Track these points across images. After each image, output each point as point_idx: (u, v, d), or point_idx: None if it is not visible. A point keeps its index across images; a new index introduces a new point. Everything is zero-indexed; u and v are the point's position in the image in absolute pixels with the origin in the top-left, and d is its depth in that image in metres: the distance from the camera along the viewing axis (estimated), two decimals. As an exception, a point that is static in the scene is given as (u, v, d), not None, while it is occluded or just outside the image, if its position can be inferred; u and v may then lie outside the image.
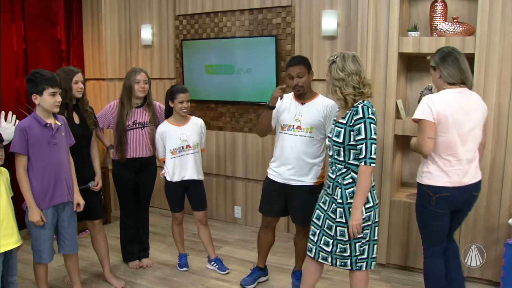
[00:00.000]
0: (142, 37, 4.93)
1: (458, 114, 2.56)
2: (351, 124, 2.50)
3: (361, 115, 2.47)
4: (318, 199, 2.76)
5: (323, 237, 2.64)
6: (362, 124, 2.46)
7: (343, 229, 2.55)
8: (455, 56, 2.60)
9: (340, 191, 2.56)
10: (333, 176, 2.61)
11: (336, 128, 2.58)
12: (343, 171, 2.57)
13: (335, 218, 2.57)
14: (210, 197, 4.51)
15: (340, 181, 2.56)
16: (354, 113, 2.49)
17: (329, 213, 2.61)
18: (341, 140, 2.53)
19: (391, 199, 3.51)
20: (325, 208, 2.66)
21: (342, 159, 2.57)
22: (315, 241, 2.68)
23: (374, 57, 3.42)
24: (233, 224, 4.69)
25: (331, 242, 2.60)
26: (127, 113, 3.42)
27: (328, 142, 2.67)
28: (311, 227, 2.75)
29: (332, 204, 2.60)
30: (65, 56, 4.69)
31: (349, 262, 2.60)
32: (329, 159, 2.68)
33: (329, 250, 2.62)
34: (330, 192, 2.64)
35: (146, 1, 4.91)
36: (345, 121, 2.53)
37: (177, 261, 3.72)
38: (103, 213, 3.61)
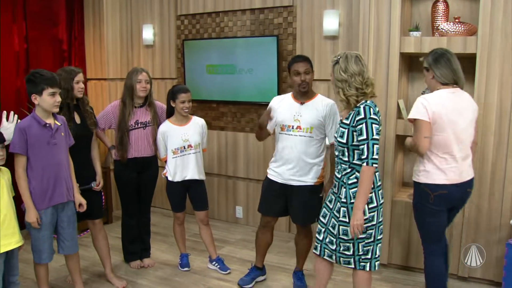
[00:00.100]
0: (143, 37, 4.94)
1: (452, 114, 2.62)
2: (353, 125, 2.51)
3: (362, 116, 2.47)
4: (326, 198, 2.77)
5: (328, 235, 2.67)
6: (364, 125, 2.46)
7: (346, 228, 2.57)
8: (447, 57, 2.67)
9: (344, 190, 2.57)
10: (339, 176, 2.64)
11: (340, 128, 2.60)
12: (348, 171, 2.58)
13: (338, 217, 2.59)
14: (211, 197, 4.51)
15: (345, 181, 2.58)
16: (356, 113, 2.50)
17: (334, 212, 2.63)
18: (344, 141, 2.55)
19: (392, 199, 3.50)
20: (331, 206, 2.69)
21: (346, 159, 2.58)
22: (321, 239, 2.72)
23: (376, 57, 3.42)
24: (234, 224, 4.70)
25: (334, 240, 2.63)
26: (129, 113, 3.42)
27: (334, 142, 2.69)
28: (317, 225, 2.77)
29: (337, 203, 2.62)
30: (66, 56, 4.70)
31: (352, 261, 2.62)
32: (335, 159, 2.70)
33: (333, 248, 2.65)
34: (336, 191, 2.66)
35: (148, 1, 4.91)
36: (348, 122, 2.55)
37: (178, 261, 3.73)
38: (103, 212, 3.61)
